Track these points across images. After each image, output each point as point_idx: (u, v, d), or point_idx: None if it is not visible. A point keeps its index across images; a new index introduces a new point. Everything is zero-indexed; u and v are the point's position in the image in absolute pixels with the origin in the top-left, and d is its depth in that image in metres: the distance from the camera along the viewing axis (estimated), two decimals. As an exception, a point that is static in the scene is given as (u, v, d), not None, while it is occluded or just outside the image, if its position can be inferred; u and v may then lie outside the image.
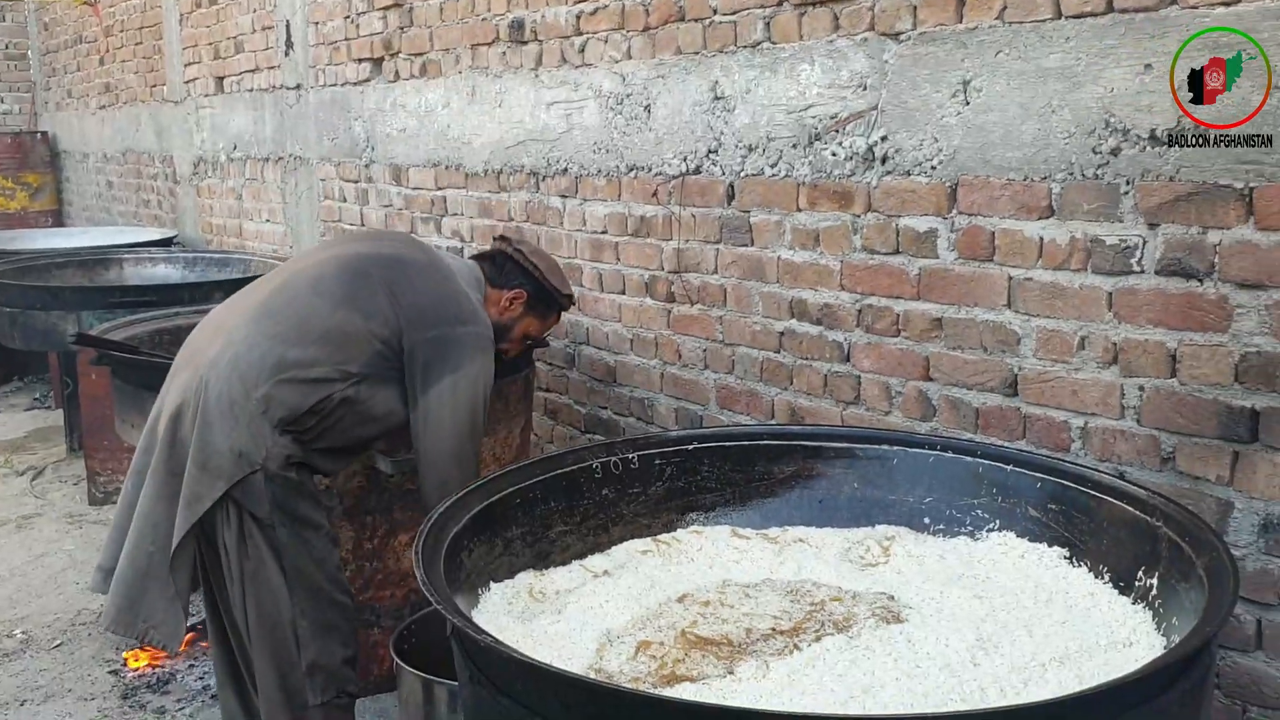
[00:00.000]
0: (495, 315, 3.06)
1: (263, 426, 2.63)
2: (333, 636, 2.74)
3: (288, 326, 2.72)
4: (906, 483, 2.65)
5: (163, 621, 2.73)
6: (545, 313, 3.23)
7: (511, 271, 3.14)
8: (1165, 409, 2.46)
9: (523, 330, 3.19)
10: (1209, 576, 1.90)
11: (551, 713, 1.72)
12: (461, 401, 2.80)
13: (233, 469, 2.63)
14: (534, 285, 3.13)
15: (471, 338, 2.84)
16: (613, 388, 4.17)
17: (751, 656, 2.09)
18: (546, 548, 2.53)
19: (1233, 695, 2.42)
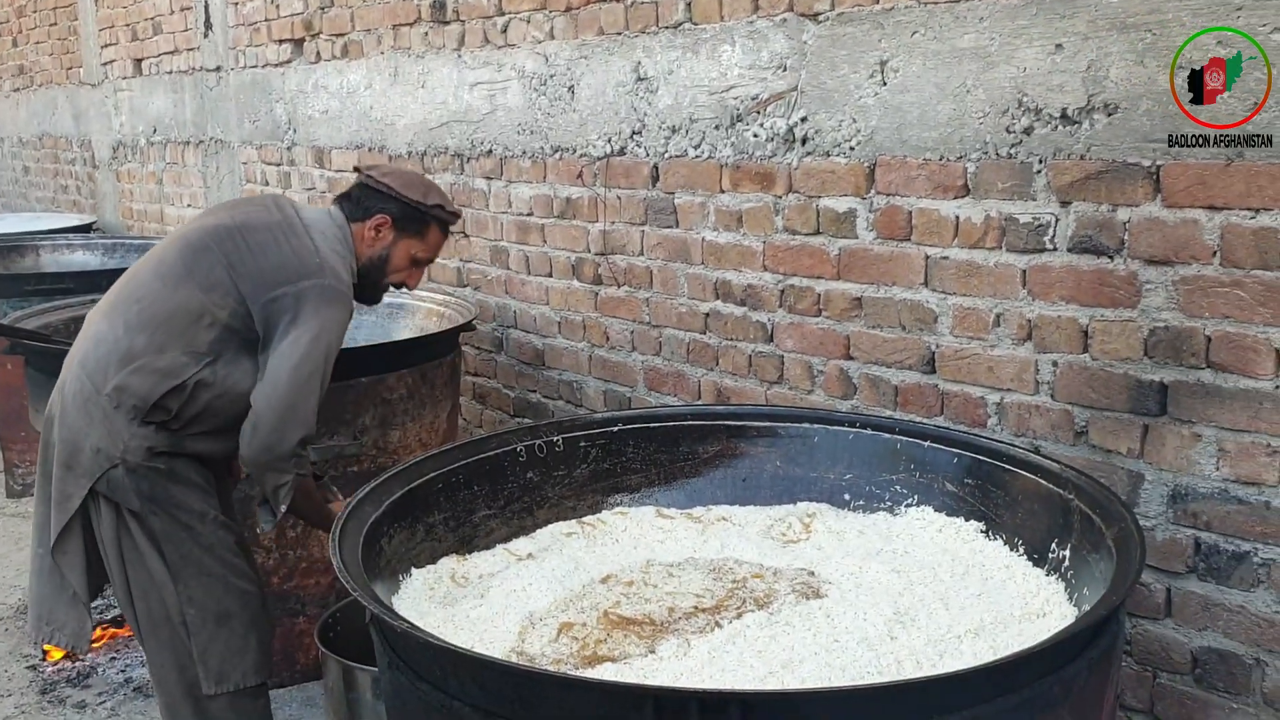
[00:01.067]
0: (367, 250, 2.83)
1: (116, 420, 2.56)
2: (230, 624, 2.67)
3: (133, 314, 2.62)
4: (827, 460, 2.68)
5: (65, 623, 2.66)
6: (420, 230, 2.88)
7: (369, 199, 2.85)
8: (1078, 384, 2.50)
9: (404, 256, 2.88)
10: (1117, 547, 1.94)
11: (470, 697, 1.71)
12: (301, 355, 2.58)
13: (92, 466, 2.56)
14: (395, 205, 2.83)
15: (314, 291, 2.62)
16: (541, 371, 4.16)
17: (673, 635, 2.10)
18: (470, 532, 2.52)
19: (1144, 662, 2.48)
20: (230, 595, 2.68)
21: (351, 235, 2.82)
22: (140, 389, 2.57)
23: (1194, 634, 2.38)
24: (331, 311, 2.63)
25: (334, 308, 2.65)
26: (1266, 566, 2.25)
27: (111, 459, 2.55)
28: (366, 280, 2.85)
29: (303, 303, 2.59)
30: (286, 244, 2.67)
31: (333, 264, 2.69)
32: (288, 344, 2.57)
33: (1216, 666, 2.35)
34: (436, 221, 2.91)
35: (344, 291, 2.69)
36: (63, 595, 2.66)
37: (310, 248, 2.68)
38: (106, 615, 3.95)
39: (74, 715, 3.37)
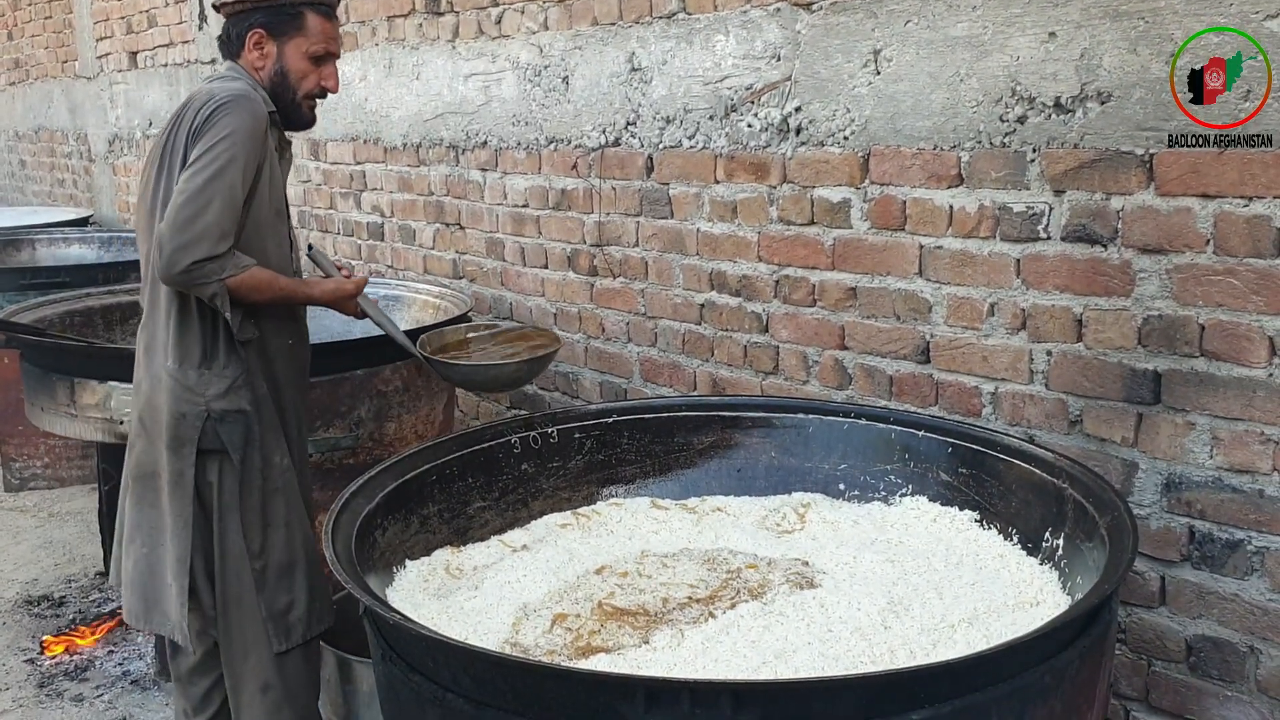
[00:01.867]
0: (265, 74, 2.66)
1: (187, 377, 2.53)
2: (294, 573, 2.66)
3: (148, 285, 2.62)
4: (822, 450, 2.68)
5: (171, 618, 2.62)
6: (297, 25, 2.66)
7: (236, 26, 2.69)
8: (1072, 373, 2.50)
9: (298, 58, 2.66)
10: (1110, 536, 1.95)
11: (463, 688, 1.71)
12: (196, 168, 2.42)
13: (189, 431, 2.53)
14: (259, 14, 2.66)
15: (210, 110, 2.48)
16: (537, 362, 4.15)
17: (667, 625, 2.10)
18: (464, 524, 2.52)
19: (1138, 650, 2.48)
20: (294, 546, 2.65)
21: (245, 70, 2.67)
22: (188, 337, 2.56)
23: (1188, 622, 2.38)
24: (228, 119, 2.47)
25: (231, 115, 2.48)
26: (1260, 554, 2.25)
27: (199, 415, 2.53)
28: (281, 104, 2.68)
29: (206, 125, 2.47)
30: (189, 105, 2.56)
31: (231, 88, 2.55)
32: (190, 162, 2.45)
33: (1211, 654, 2.35)
34: (308, 7, 2.68)
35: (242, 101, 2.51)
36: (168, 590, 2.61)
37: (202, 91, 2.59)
38: (104, 609, 3.96)
39: (71, 708, 3.38)
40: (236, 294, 2.49)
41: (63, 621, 3.90)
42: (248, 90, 2.58)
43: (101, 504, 4.18)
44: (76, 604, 4.05)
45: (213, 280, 2.43)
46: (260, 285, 2.52)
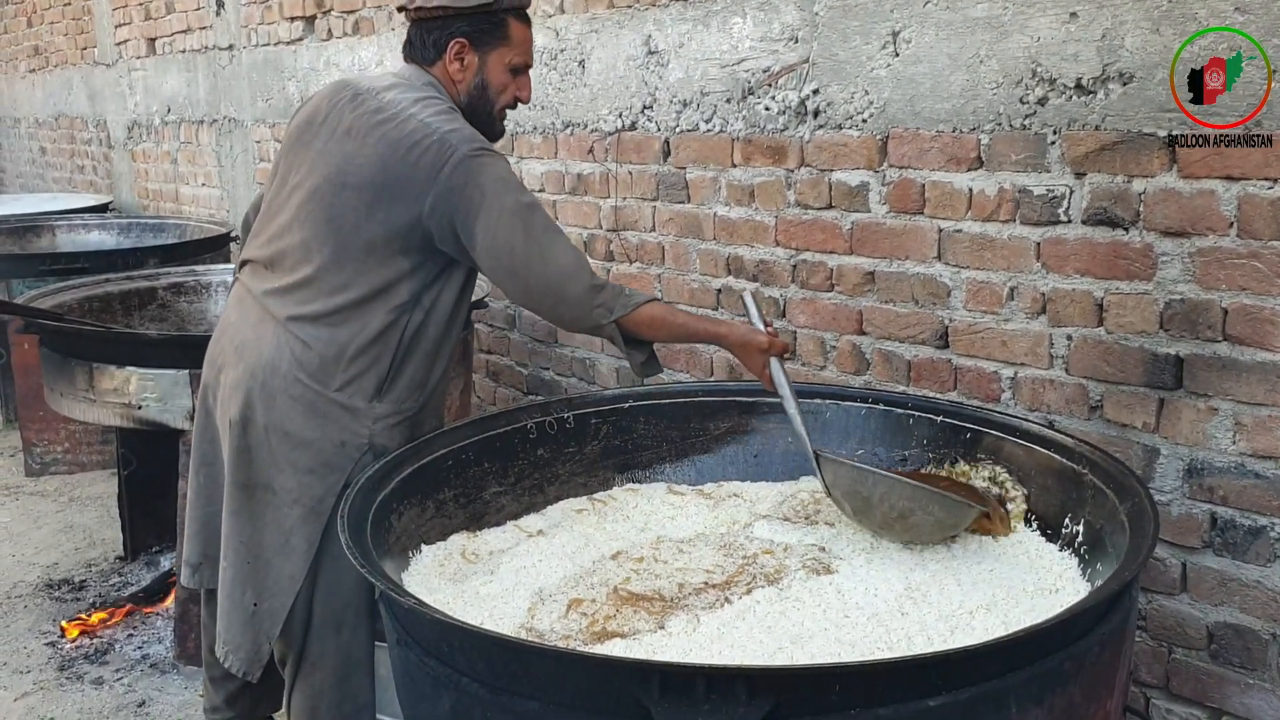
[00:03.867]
0: (463, 86, 2.48)
1: (355, 404, 2.40)
2: None
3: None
4: (839, 436, 2.66)
5: (240, 644, 2.51)
6: (501, 34, 2.47)
7: (432, 32, 2.46)
8: (1092, 358, 2.48)
9: (500, 70, 2.49)
10: (1131, 522, 1.93)
11: (477, 673, 1.71)
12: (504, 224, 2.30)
13: (342, 459, 2.40)
14: (461, 23, 2.44)
15: (461, 158, 2.30)
16: (554, 348, 4.15)
17: (683, 610, 2.09)
18: (480, 509, 2.52)
19: (1159, 637, 2.46)
20: None
21: (438, 80, 2.48)
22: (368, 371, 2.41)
23: (1209, 609, 2.36)
24: (493, 170, 2.33)
25: (490, 166, 2.33)
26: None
27: (360, 448, 2.42)
28: (477, 118, 2.48)
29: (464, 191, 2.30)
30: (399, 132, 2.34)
31: (453, 120, 2.37)
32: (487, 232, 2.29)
33: (1232, 642, 2.33)
34: (512, 14, 2.49)
35: (481, 141, 2.37)
36: (240, 613, 2.50)
37: (415, 128, 2.34)
38: (124, 593, 3.99)
39: (92, 691, 3.40)
40: (635, 330, 2.40)
41: (83, 605, 3.92)
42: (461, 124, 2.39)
43: (121, 489, 4.20)
44: (96, 588, 4.08)
45: (605, 318, 2.36)
46: (658, 320, 2.41)
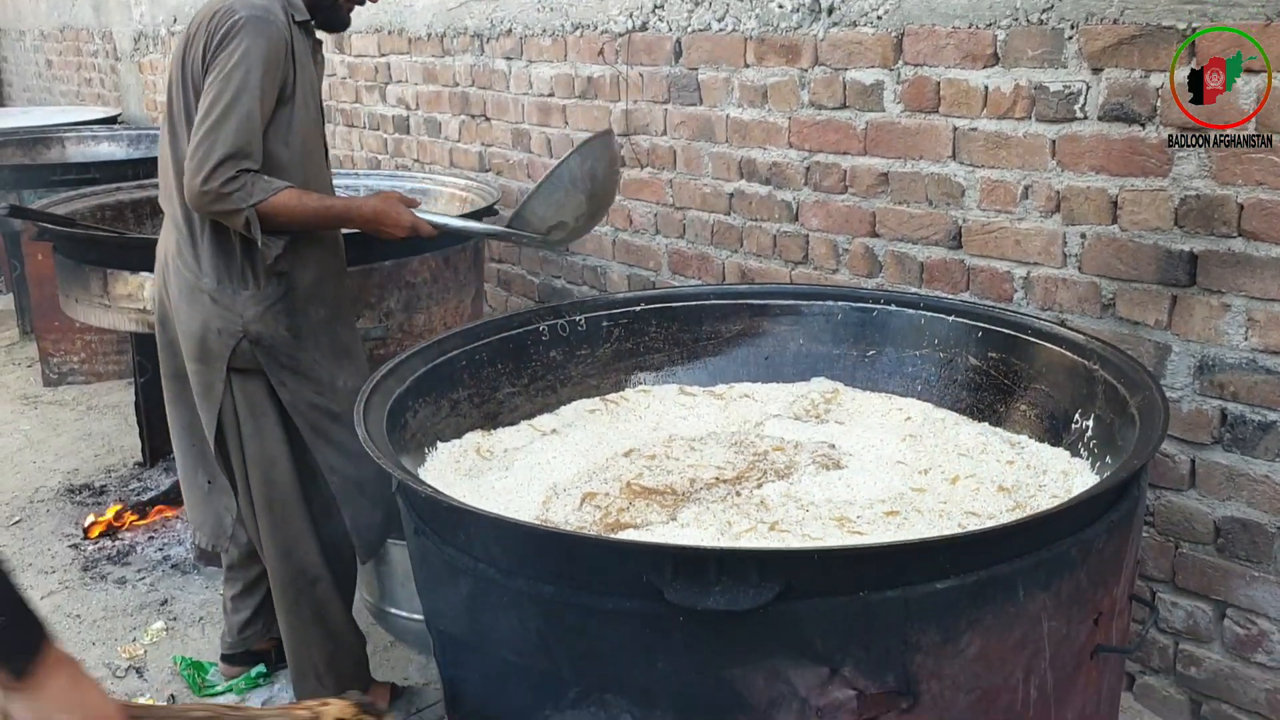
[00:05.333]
0: None
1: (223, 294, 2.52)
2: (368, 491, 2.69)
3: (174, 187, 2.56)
4: (851, 337, 2.67)
5: (203, 521, 2.72)
6: None
7: None
8: (1106, 255, 2.47)
9: None
10: (1141, 414, 1.93)
11: (494, 560, 1.74)
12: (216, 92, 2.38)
13: (220, 347, 2.53)
14: None
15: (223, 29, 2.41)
16: (565, 256, 4.14)
17: (694, 504, 2.12)
18: (494, 409, 2.54)
19: (1166, 532, 2.49)
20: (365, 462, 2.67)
21: None
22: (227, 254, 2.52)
23: (1217, 504, 2.38)
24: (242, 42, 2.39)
25: (245, 37, 2.39)
26: (1292, 436, 2.24)
27: (234, 334, 2.53)
28: (319, 7, 2.61)
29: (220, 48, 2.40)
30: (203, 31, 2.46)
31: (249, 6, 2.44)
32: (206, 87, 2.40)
33: (1239, 536, 2.36)
34: None
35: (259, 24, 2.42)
36: (196, 492, 2.69)
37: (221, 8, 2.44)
38: (144, 498, 4.04)
39: (115, 590, 3.47)
40: (270, 220, 2.42)
41: (103, 509, 3.99)
42: (268, 5, 2.45)
43: (138, 397, 4.23)
44: (116, 493, 4.14)
45: (243, 207, 2.37)
46: (290, 207, 2.42)
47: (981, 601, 1.59)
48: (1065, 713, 1.77)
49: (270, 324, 2.55)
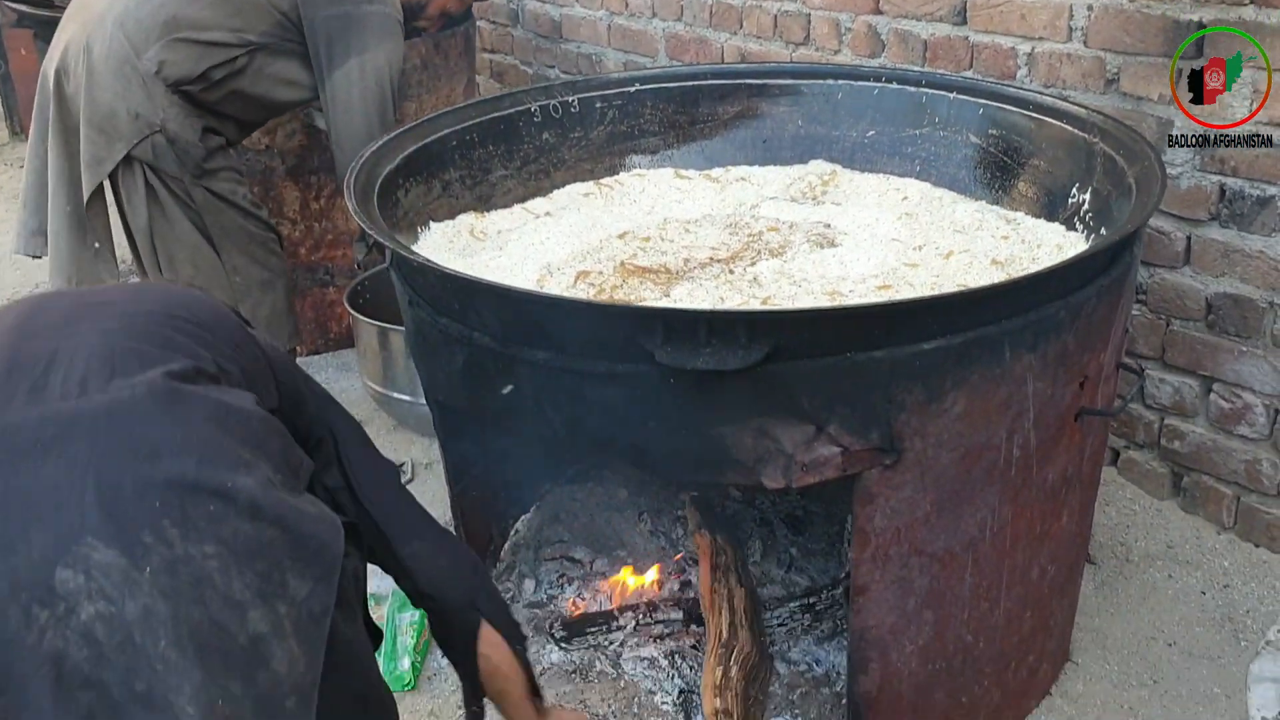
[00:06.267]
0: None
1: (154, 87, 2.54)
2: (274, 290, 2.73)
3: None
4: (850, 118, 2.62)
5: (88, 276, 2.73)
6: None
7: None
8: (1112, 28, 2.39)
9: (439, 6, 3.02)
10: (1138, 184, 1.91)
11: (489, 328, 1.75)
12: (370, 85, 2.66)
13: (130, 131, 2.55)
14: None
15: (377, 18, 2.66)
16: (559, 44, 4.03)
17: (688, 281, 2.12)
18: (487, 191, 2.52)
19: (1157, 310, 2.50)
20: (271, 263, 2.73)
21: None
22: (184, 62, 2.54)
23: (1210, 280, 2.39)
24: (393, 44, 2.66)
25: (395, 39, 2.66)
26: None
27: (151, 125, 2.54)
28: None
29: (366, 30, 2.59)
30: None
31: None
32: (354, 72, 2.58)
33: (1230, 312, 2.37)
34: None
35: (400, 23, 2.69)
36: (86, 251, 2.70)
37: None
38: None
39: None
40: None
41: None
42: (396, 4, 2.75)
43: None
44: (117, 290, 4.15)
45: None
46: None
47: (968, 362, 1.61)
48: (1047, 473, 1.82)
49: (188, 129, 2.58)
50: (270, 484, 1.12)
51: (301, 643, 1.07)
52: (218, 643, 1.02)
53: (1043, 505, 1.86)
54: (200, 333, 1.24)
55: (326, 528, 1.16)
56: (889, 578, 1.76)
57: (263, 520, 1.08)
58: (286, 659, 1.06)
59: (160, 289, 1.38)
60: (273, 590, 1.06)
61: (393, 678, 2.24)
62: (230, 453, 1.11)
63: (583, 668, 2.26)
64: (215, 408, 1.14)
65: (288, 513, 1.11)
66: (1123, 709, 2.13)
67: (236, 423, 1.15)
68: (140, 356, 1.15)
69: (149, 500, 1.03)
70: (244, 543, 1.05)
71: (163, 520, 1.02)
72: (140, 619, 0.99)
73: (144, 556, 1.00)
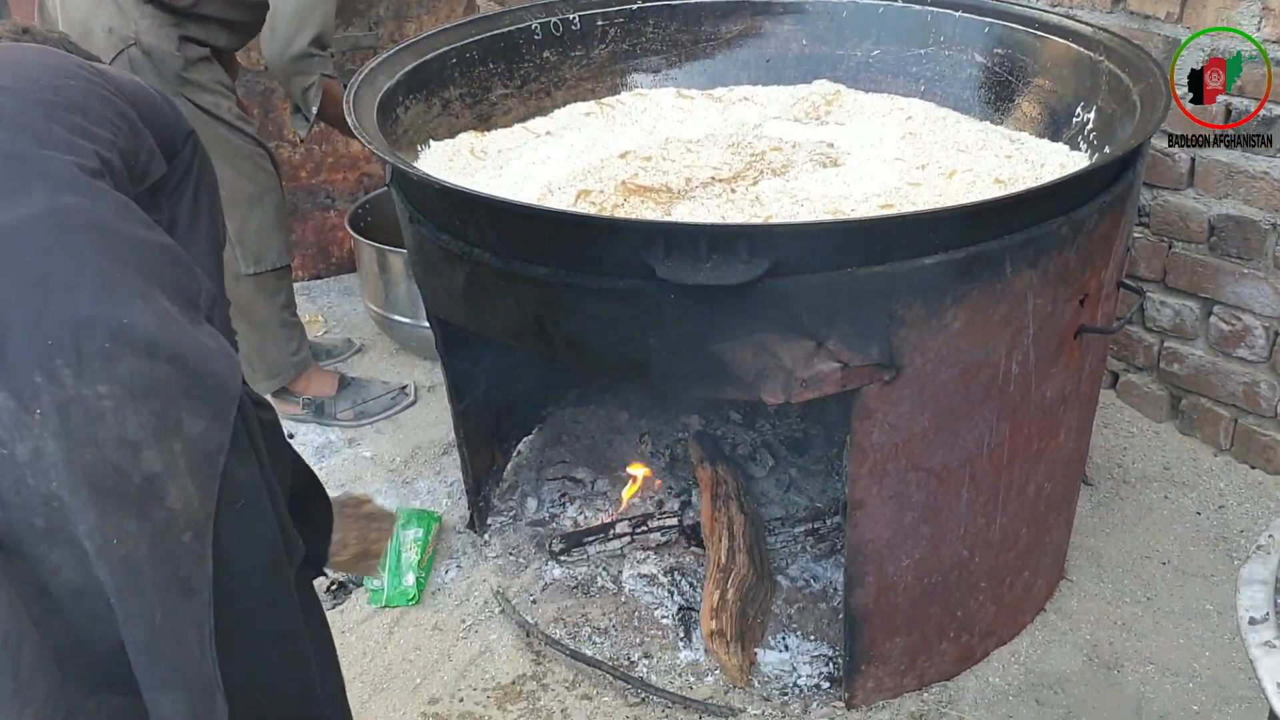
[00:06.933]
0: None
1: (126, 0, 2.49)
2: (261, 205, 2.70)
3: None
4: (855, 37, 2.60)
5: None
6: None
7: None
8: (1122, -56, 2.36)
9: None
10: (1142, 101, 1.90)
11: (488, 243, 1.76)
12: None
13: (106, 46, 2.49)
14: None
15: None
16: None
17: (689, 200, 2.11)
18: (487, 110, 2.50)
19: (1160, 233, 2.49)
20: (259, 177, 2.71)
21: None
22: None
23: (1213, 202, 2.38)
24: None
25: None
26: (1296, 131, 2.21)
27: (125, 39, 2.50)
28: None
29: None
30: None
31: None
32: None
33: (1232, 233, 2.36)
34: None
35: None
36: None
37: None
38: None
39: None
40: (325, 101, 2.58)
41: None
42: None
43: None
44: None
45: (315, 73, 2.54)
46: (334, 96, 2.54)
47: (968, 277, 1.62)
48: (1045, 390, 1.83)
49: (164, 39, 2.53)
50: (168, 317, 1.08)
51: (195, 479, 1.06)
52: (112, 483, 1.01)
53: (1041, 423, 1.87)
54: (78, 120, 1.19)
55: (225, 363, 1.12)
56: (886, 493, 1.78)
57: (159, 358, 1.04)
58: (181, 496, 1.05)
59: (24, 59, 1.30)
60: (167, 429, 1.04)
61: (397, 593, 2.28)
62: (125, 284, 1.06)
63: (584, 583, 2.29)
64: (108, 236, 1.09)
65: (185, 349, 1.07)
66: (1115, 625, 2.16)
67: (130, 251, 1.10)
68: (22, 165, 1.09)
69: (40, 338, 1.00)
70: (140, 381, 1.02)
71: (55, 360, 0.99)
72: (30, 460, 0.99)
73: (34, 398, 0.98)
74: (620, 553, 2.33)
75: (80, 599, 1.03)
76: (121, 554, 1.01)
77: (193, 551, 1.06)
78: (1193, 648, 2.10)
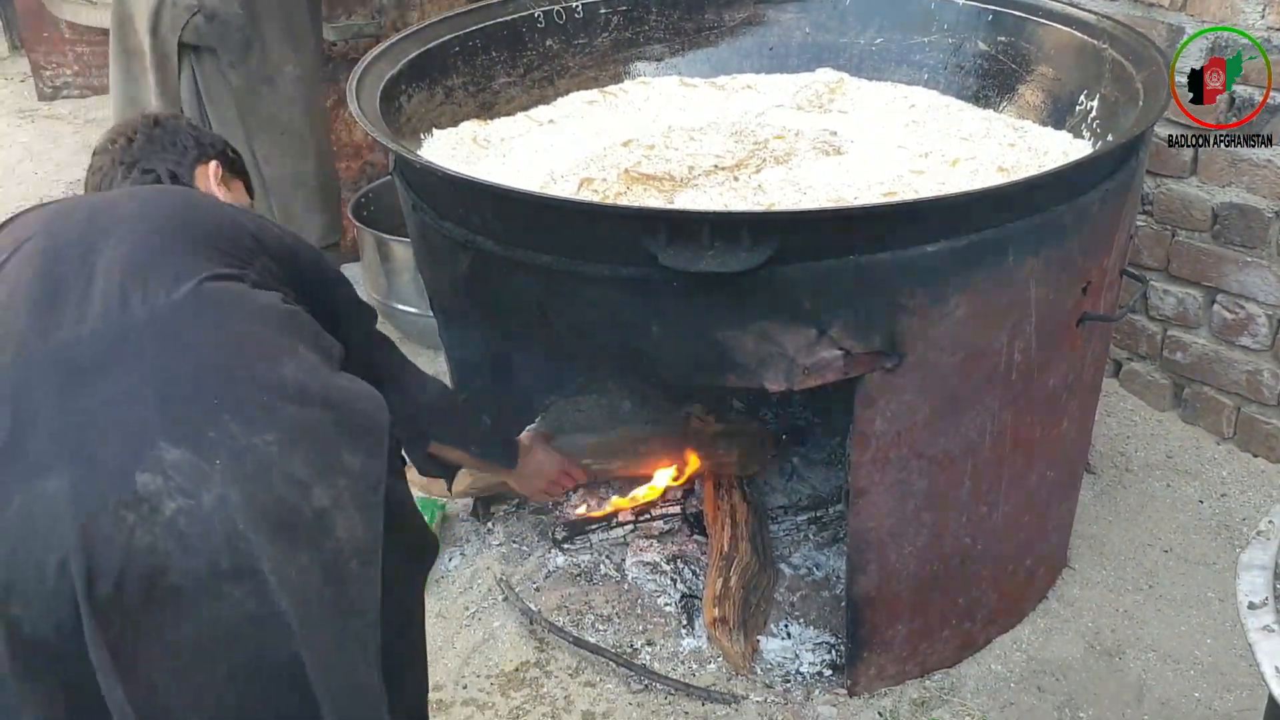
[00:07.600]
0: None
1: None
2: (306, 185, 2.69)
3: None
4: (858, 25, 2.60)
5: None
6: None
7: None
8: (1126, -69, 2.36)
9: None
10: (1145, 89, 1.90)
11: (492, 231, 1.76)
12: None
13: (173, 19, 2.49)
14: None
15: None
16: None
17: (692, 189, 2.11)
18: (490, 99, 2.50)
19: (1163, 221, 2.49)
20: (306, 156, 2.69)
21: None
22: None
23: (1217, 191, 2.38)
24: None
25: None
26: (1300, 119, 2.21)
27: (190, 8, 2.51)
28: None
29: None
30: None
31: None
32: None
33: (1235, 222, 2.36)
34: None
35: None
36: None
37: None
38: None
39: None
40: None
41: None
42: None
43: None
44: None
45: None
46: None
47: (971, 264, 1.62)
48: (1048, 378, 1.83)
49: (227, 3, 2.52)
50: (313, 366, 1.23)
51: (360, 510, 1.19)
52: (288, 519, 1.14)
53: (1043, 411, 1.88)
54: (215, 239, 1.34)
55: (369, 402, 1.26)
56: (888, 480, 1.78)
57: (311, 403, 1.19)
58: (347, 526, 1.18)
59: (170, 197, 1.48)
60: (329, 465, 1.18)
61: (400, 580, 2.29)
62: (271, 343, 1.22)
63: (588, 571, 2.30)
64: (248, 305, 1.25)
65: (333, 392, 1.22)
66: (1117, 612, 2.17)
67: (270, 315, 1.26)
68: (170, 267, 1.25)
69: (206, 399, 1.14)
70: (297, 426, 1.16)
71: (222, 415, 1.13)
72: (217, 507, 1.11)
73: (211, 451, 1.12)
74: (623, 540, 2.34)
75: (262, 626, 1.15)
76: (298, 583, 1.14)
77: (359, 577, 1.20)
78: (1194, 635, 2.11)
